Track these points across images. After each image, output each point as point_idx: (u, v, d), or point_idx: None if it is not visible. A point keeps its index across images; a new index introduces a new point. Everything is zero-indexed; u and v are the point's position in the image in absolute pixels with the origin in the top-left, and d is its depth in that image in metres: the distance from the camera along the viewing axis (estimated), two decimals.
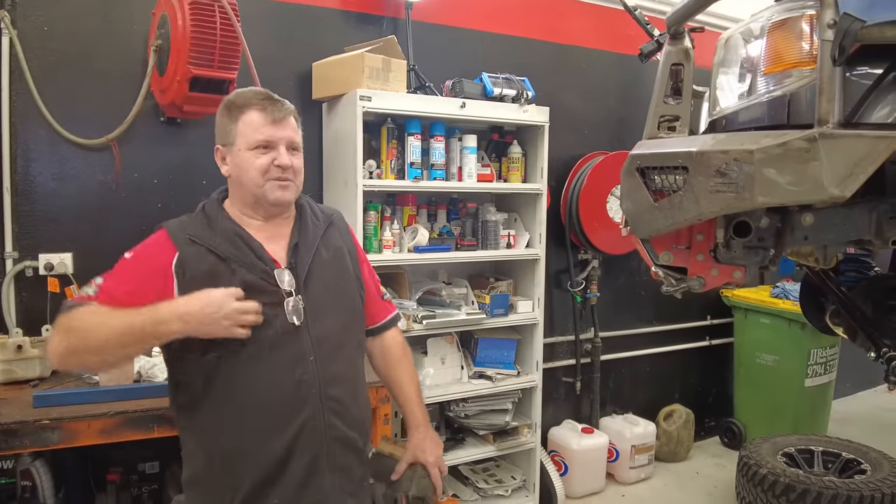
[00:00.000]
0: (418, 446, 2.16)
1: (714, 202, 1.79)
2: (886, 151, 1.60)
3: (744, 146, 1.73)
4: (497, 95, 3.69)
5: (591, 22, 4.68)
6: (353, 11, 3.78)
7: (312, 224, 2.02)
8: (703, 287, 2.11)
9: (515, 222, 4.03)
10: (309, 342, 1.88)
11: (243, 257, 1.85)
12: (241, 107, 1.90)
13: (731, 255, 2.07)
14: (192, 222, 1.91)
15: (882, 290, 2.65)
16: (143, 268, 1.83)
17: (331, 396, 1.90)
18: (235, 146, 1.89)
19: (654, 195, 1.96)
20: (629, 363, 5.12)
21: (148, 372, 2.57)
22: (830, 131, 1.63)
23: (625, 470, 4.67)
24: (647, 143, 2.06)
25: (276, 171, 1.87)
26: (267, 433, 1.82)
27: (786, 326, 4.85)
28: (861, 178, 1.63)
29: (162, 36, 3.00)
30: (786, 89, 1.85)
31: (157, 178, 3.33)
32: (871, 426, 5.84)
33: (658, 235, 2.07)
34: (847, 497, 3.49)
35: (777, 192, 1.70)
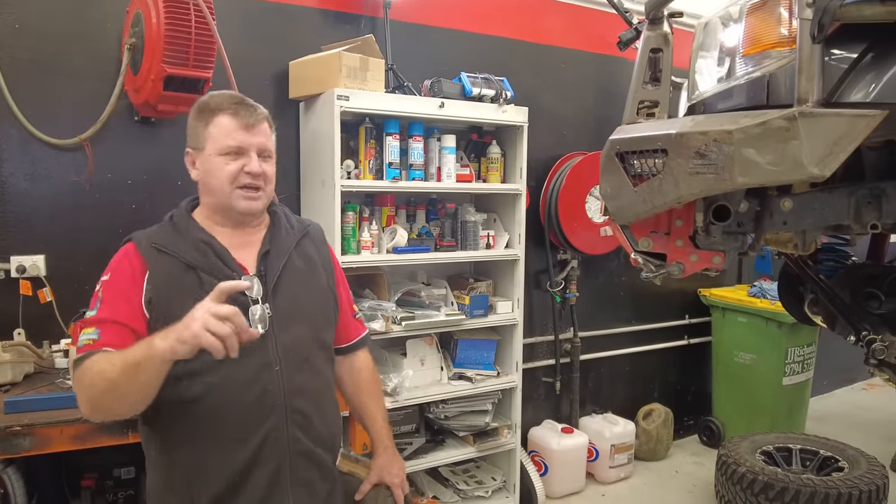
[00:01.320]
0: (384, 468, 2.15)
1: (694, 184, 1.78)
2: (866, 130, 1.60)
3: (723, 126, 1.72)
4: (476, 95, 3.67)
5: (569, 22, 4.68)
6: (330, 10, 3.74)
7: (286, 232, 1.99)
8: (683, 273, 2.11)
9: (495, 223, 4.02)
10: (275, 351, 1.83)
11: (210, 265, 1.82)
12: (213, 110, 1.86)
13: (711, 241, 2.07)
14: (159, 232, 1.88)
15: (860, 277, 2.67)
16: (124, 284, 1.79)
17: (295, 409, 1.86)
18: (205, 150, 1.86)
19: (634, 180, 1.95)
20: (608, 363, 5.13)
21: None
22: (810, 110, 1.63)
23: (605, 469, 4.68)
24: (626, 128, 2.05)
25: (245, 178, 1.84)
26: (230, 442, 1.78)
27: (763, 325, 4.89)
28: (841, 157, 1.63)
29: (136, 34, 2.96)
30: (765, 70, 1.85)
31: (131, 178, 3.28)
32: (847, 424, 5.91)
33: (637, 221, 2.06)
34: (825, 494, 3.52)
35: (757, 172, 1.70)
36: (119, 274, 1.80)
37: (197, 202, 1.97)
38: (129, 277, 1.79)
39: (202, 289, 1.73)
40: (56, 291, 3.07)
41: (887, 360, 2.18)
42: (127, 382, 1.60)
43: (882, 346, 2.18)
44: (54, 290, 3.06)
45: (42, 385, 2.60)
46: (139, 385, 1.61)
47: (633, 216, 2.01)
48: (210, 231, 1.88)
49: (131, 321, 1.74)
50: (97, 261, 3.13)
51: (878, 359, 2.19)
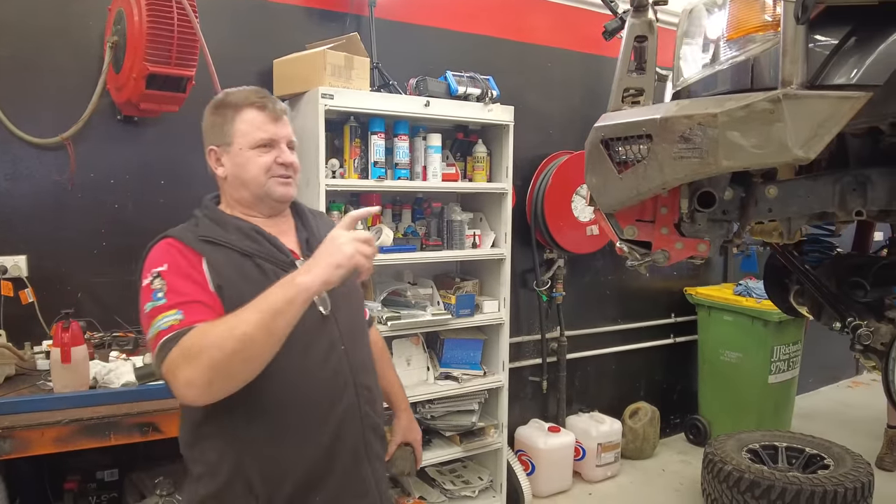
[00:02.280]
0: (407, 428, 2.28)
1: (678, 169, 1.77)
2: (850, 112, 1.60)
3: (707, 110, 1.71)
4: (461, 94, 3.66)
5: (555, 21, 4.68)
6: (315, 8, 3.73)
7: (313, 220, 2.01)
8: (668, 260, 2.10)
9: (481, 222, 4.01)
10: (338, 331, 1.85)
11: (265, 251, 1.81)
12: (237, 106, 1.86)
13: (696, 229, 2.06)
14: (200, 225, 1.84)
15: (845, 267, 2.68)
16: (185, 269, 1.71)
17: (362, 384, 1.89)
18: (234, 145, 1.85)
19: (619, 167, 1.94)
20: (595, 361, 5.13)
21: (104, 378, 2.49)
22: (794, 92, 1.62)
23: (591, 468, 4.68)
24: (611, 115, 2.04)
25: (279, 169, 1.84)
26: (311, 427, 1.78)
27: (749, 324, 4.90)
28: (825, 140, 1.63)
29: (118, 32, 2.93)
30: (749, 54, 1.84)
31: (113, 178, 3.25)
32: (833, 421, 5.94)
33: (622, 209, 2.05)
34: (811, 492, 3.54)
35: (741, 156, 1.69)
36: (176, 261, 1.72)
37: (217, 200, 1.96)
38: (187, 265, 1.72)
39: (265, 276, 1.74)
40: (38, 292, 3.04)
41: (872, 346, 2.19)
42: (266, 336, 1.52)
43: (867, 331, 2.18)
44: (36, 291, 3.03)
45: (23, 387, 2.57)
46: (279, 336, 1.54)
47: (617, 204, 2.00)
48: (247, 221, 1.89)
49: (210, 300, 1.67)
50: (80, 261, 3.16)
51: (863, 344, 2.20)
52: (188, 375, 1.52)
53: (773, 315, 4.74)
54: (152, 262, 1.73)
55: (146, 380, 2.52)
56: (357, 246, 1.55)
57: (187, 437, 1.83)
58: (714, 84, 1.96)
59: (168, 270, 1.69)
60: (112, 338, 3.05)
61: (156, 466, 2.99)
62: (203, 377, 1.51)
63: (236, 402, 1.66)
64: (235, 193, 1.89)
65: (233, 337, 1.50)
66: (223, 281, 1.72)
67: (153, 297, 1.66)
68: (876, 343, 2.16)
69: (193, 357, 1.52)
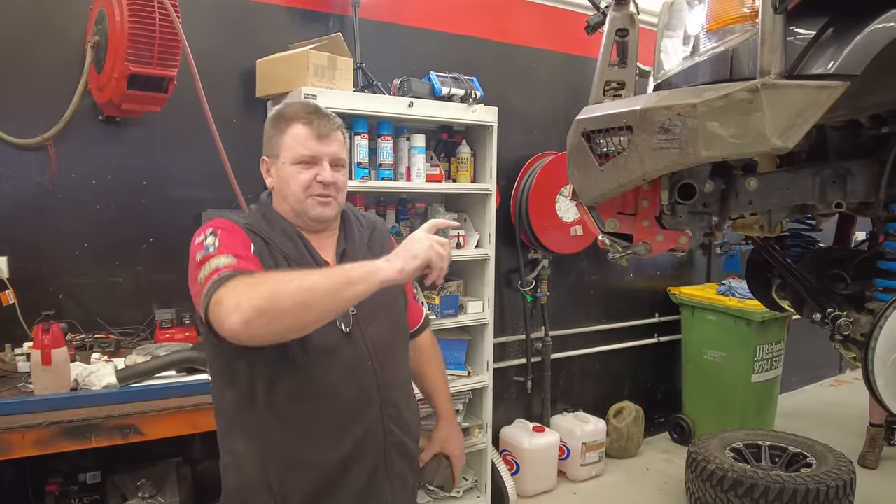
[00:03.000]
0: (447, 438, 2.23)
1: (658, 159, 1.78)
2: (828, 101, 1.62)
3: (687, 100, 1.72)
4: (445, 95, 3.66)
5: (539, 22, 4.69)
6: (298, 8, 3.72)
7: (358, 231, 2.01)
8: (649, 253, 2.11)
9: (465, 222, 4.01)
10: (365, 347, 1.85)
11: (302, 258, 1.83)
12: (288, 119, 1.87)
13: (677, 221, 2.07)
14: (250, 218, 1.89)
15: (826, 261, 2.70)
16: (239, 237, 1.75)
17: (389, 402, 1.89)
18: (280, 159, 1.86)
19: (600, 160, 1.94)
20: (579, 361, 5.15)
21: (85, 380, 2.48)
22: (773, 82, 1.64)
23: (576, 467, 4.69)
24: (592, 108, 2.05)
25: (318, 188, 1.84)
26: (330, 439, 1.79)
27: (732, 323, 4.93)
28: (804, 129, 1.64)
29: (99, 32, 2.92)
30: (728, 45, 1.85)
31: (95, 178, 3.23)
32: (816, 420, 5.99)
33: (604, 202, 2.06)
34: (793, 490, 3.56)
35: (720, 146, 1.70)
36: (230, 229, 1.76)
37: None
38: (240, 237, 1.76)
39: None
40: (19, 294, 3.01)
41: (852, 337, 2.20)
42: (330, 296, 1.52)
43: (847, 321, 2.20)
44: (17, 293, 3.00)
45: (4, 389, 2.55)
46: (341, 304, 1.56)
47: (599, 196, 2.01)
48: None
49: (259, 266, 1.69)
50: (61, 263, 3.14)
51: (843, 335, 2.21)
52: (243, 297, 1.50)
53: (756, 314, 4.77)
54: (205, 227, 1.76)
55: (127, 381, 2.51)
56: (434, 244, 1.60)
57: (221, 426, 1.88)
58: (694, 76, 1.98)
59: (222, 231, 1.73)
60: (94, 339, 3.03)
61: (138, 468, 2.98)
62: (257, 301, 1.48)
63: (266, 401, 1.74)
64: (279, 205, 1.91)
65: (301, 279, 1.53)
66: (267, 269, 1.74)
67: (205, 249, 1.68)
68: (856, 333, 2.17)
69: (256, 284, 1.53)
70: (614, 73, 2.12)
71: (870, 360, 1.94)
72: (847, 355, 2.48)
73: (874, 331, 1.94)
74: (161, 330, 3.15)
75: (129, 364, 2.64)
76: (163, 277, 3.37)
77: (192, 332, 3.16)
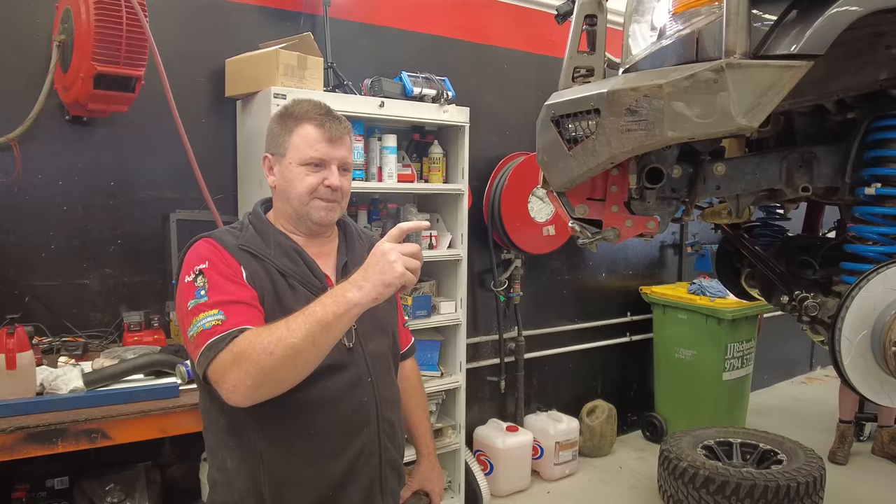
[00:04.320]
0: (426, 476, 2.19)
1: (625, 142, 1.78)
2: (792, 81, 1.64)
3: (653, 81, 1.73)
4: (417, 95, 3.66)
5: (511, 23, 4.70)
6: (268, 7, 3.70)
7: (358, 244, 1.98)
8: (618, 238, 2.12)
9: (437, 223, 4.01)
10: (365, 363, 1.83)
11: (301, 273, 1.78)
12: (298, 118, 1.82)
13: (645, 206, 2.08)
14: (243, 234, 1.82)
15: (794, 248, 2.75)
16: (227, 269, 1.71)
17: (385, 419, 1.87)
18: (286, 158, 1.82)
19: (569, 145, 1.95)
20: (552, 361, 5.16)
21: (51, 384, 2.44)
22: (737, 61, 1.65)
23: (549, 466, 4.70)
24: (561, 93, 2.06)
25: (324, 192, 1.81)
26: (327, 455, 1.76)
27: (703, 322, 4.97)
28: (768, 108, 1.66)
29: (65, 31, 2.88)
30: (694, 27, 1.87)
31: (62, 179, 3.18)
32: (787, 417, 6.06)
33: (574, 188, 2.06)
34: (764, 487, 3.60)
35: (686, 126, 1.71)
36: (217, 260, 1.71)
37: (269, 205, 1.93)
38: (228, 265, 1.71)
39: (293, 296, 1.74)
40: None
41: (819, 318, 2.22)
42: (311, 347, 1.52)
43: (814, 302, 2.22)
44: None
45: None
46: (325, 348, 1.55)
47: (568, 182, 2.01)
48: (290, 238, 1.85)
49: (252, 301, 1.66)
50: (27, 265, 3.09)
51: (810, 316, 2.23)
52: (236, 379, 1.53)
53: (727, 313, 4.82)
54: (193, 260, 1.72)
55: (95, 385, 2.47)
56: (406, 262, 1.53)
57: (211, 442, 1.84)
58: (661, 59, 1.99)
59: (210, 268, 1.69)
60: (61, 343, 2.98)
61: (107, 473, 2.95)
62: (250, 381, 1.52)
63: (260, 419, 1.70)
64: (281, 205, 1.87)
65: (281, 346, 1.50)
66: (262, 290, 1.71)
67: (196, 295, 1.65)
68: (823, 315, 2.20)
69: (243, 361, 1.52)
70: (583, 59, 2.13)
71: (837, 341, 1.96)
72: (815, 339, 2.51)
73: (841, 311, 1.96)
74: (129, 333, 3.11)
75: (97, 367, 2.60)
76: (131, 279, 3.33)
77: (161, 335, 3.12)
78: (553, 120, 2.00)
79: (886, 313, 1.94)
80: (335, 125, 1.83)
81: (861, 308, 1.96)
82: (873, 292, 1.96)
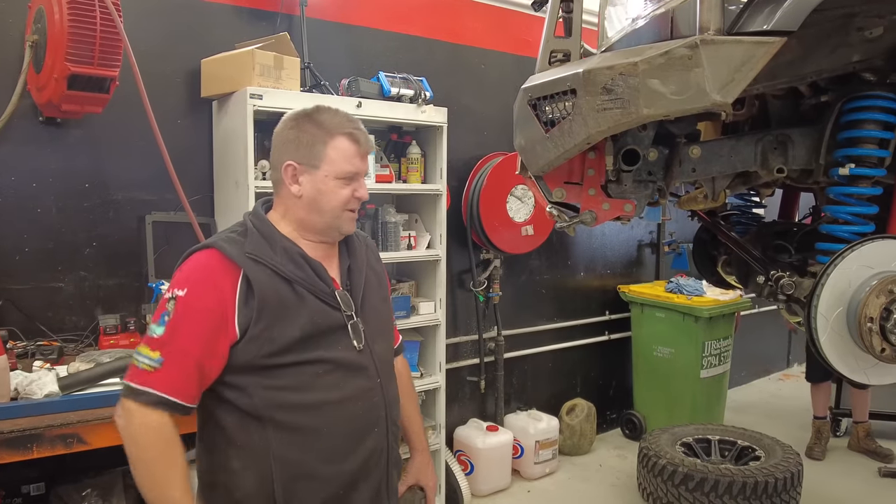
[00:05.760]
0: (421, 471, 2.21)
1: (601, 121, 1.80)
2: (765, 57, 1.66)
3: (628, 59, 1.75)
4: (394, 95, 3.65)
5: (489, 23, 4.71)
6: (244, 7, 3.67)
7: (359, 246, 1.98)
8: (595, 221, 2.14)
9: (416, 223, 4.01)
10: (374, 365, 1.84)
11: (308, 279, 1.76)
12: (330, 130, 1.79)
13: (622, 189, 2.11)
14: (249, 240, 1.76)
15: (770, 234, 2.80)
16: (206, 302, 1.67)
17: (393, 420, 1.90)
18: (321, 171, 1.77)
19: (546, 127, 1.96)
20: (532, 360, 5.18)
21: (25, 389, 2.41)
22: (711, 38, 1.68)
23: (530, 465, 4.71)
24: (538, 76, 2.07)
25: (354, 203, 1.82)
26: (339, 457, 1.77)
27: (680, 320, 5.01)
28: (742, 84, 1.68)
29: (38, 31, 2.84)
30: (668, 6, 1.88)
31: (36, 181, 3.14)
32: (765, 413, 6.12)
33: (551, 172, 2.08)
34: (742, 483, 3.63)
35: (662, 103, 1.73)
36: (201, 290, 1.68)
37: (270, 205, 1.90)
38: (213, 292, 1.68)
39: (301, 303, 1.74)
40: None
41: (795, 296, 2.25)
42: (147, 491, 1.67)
43: (790, 281, 2.26)
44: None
45: None
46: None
47: (546, 165, 2.02)
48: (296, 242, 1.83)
49: (204, 355, 1.65)
50: (1, 268, 3.04)
51: (786, 294, 2.26)
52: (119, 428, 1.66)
53: (704, 311, 4.85)
54: (179, 278, 1.72)
55: (70, 389, 2.44)
56: None
57: (210, 443, 1.81)
58: (636, 40, 2.00)
59: (185, 298, 1.67)
60: (35, 347, 2.94)
61: (84, 479, 2.91)
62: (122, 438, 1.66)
63: (275, 418, 1.71)
64: (303, 214, 1.82)
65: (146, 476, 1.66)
66: (257, 308, 1.68)
67: (160, 320, 1.67)
68: (799, 294, 2.23)
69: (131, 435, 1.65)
70: (559, 43, 2.15)
71: (813, 318, 1.99)
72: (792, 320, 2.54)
73: (816, 289, 1.99)
74: (105, 336, 3.08)
75: (72, 371, 2.56)
76: (107, 282, 3.30)
77: (137, 338, 3.09)
78: (530, 103, 2.01)
79: (861, 290, 1.97)
80: (368, 140, 1.84)
81: (836, 286, 2.00)
82: (848, 270, 2.00)
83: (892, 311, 1.94)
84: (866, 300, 1.94)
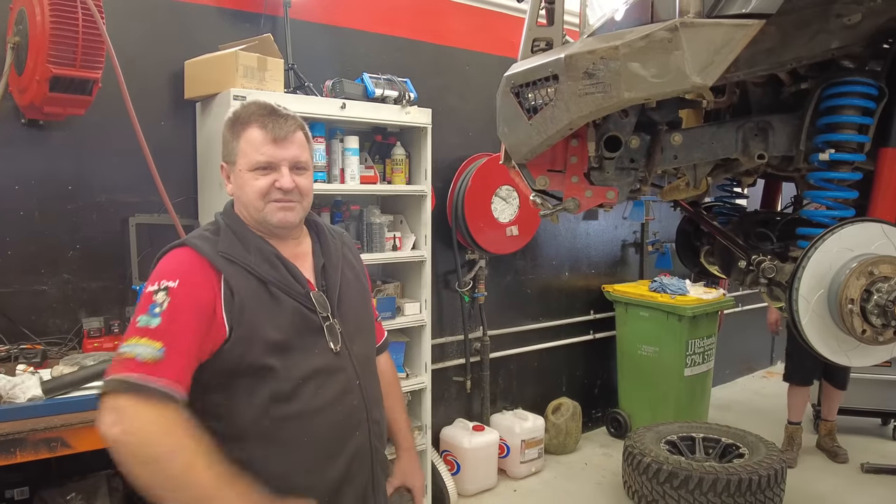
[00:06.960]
0: (408, 471, 2.16)
1: (583, 105, 1.81)
2: (744, 39, 1.68)
3: (609, 44, 1.76)
4: (379, 96, 3.65)
5: (473, 24, 4.72)
6: (228, 9, 3.66)
7: (333, 244, 1.93)
8: (578, 208, 2.15)
9: (401, 224, 4.01)
10: (353, 366, 1.81)
11: (282, 280, 1.73)
12: (243, 122, 1.75)
13: (604, 177, 2.12)
14: (222, 237, 1.73)
15: (752, 223, 2.83)
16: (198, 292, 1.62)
17: (374, 420, 1.87)
18: (237, 165, 1.75)
19: (528, 114, 1.97)
20: (517, 359, 5.20)
21: (8, 393, 2.39)
22: (691, 20, 1.69)
23: (516, 465, 4.73)
24: (520, 64, 2.08)
25: (276, 194, 1.74)
26: (322, 462, 1.74)
27: (664, 319, 5.04)
28: (722, 67, 1.70)
29: (20, 32, 2.83)
30: None
31: (18, 184, 3.12)
32: (748, 411, 6.17)
33: (534, 159, 2.08)
34: (727, 481, 3.66)
35: (642, 86, 1.74)
36: (190, 281, 1.63)
37: None
38: (203, 285, 1.63)
39: (277, 305, 1.70)
40: None
41: (777, 280, 2.27)
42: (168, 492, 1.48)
43: (772, 265, 2.28)
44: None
45: None
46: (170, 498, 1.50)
47: (529, 152, 2.03)
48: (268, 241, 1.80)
49: (198, 344, 1.59)
50: None
51: (768, 277, 2.28)
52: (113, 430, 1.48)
53: (688, 310, 4.89)
54: (164, 271, 1.64)
55: (54, 393, 2.43)
56: None
57: None
58: (617, 25, 2.01)
59: (178, 289, 1.60)
60: (19, 350, 2.92)
61: (68, 482, 2.90)
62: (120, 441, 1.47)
63: (250, 431, 1.67)
64: (243, 212, 1.81)
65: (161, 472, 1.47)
66: (238, 307, 1.64)
67: (149, 311, 1.58)
68: (781, 278, 2.25)
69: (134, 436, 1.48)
70: (541, 32, 2.16)
71: (794, 301, 2.01)
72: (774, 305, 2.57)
73: (797, 271, 2.02)
74: (89, 339, 3.07)
75: (56, 375, 2.55)
76: (90, 285, 3.28)
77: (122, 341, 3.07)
78: (513, 91, 2.03)
79: (842, 273, 2.00)
80: (279, 124, 1.75)
81: (817, 268, 2.02)
82: (828, 253, 2.02)
83: (872, 292, 1.96)
84: (847, 282, 1.96)
